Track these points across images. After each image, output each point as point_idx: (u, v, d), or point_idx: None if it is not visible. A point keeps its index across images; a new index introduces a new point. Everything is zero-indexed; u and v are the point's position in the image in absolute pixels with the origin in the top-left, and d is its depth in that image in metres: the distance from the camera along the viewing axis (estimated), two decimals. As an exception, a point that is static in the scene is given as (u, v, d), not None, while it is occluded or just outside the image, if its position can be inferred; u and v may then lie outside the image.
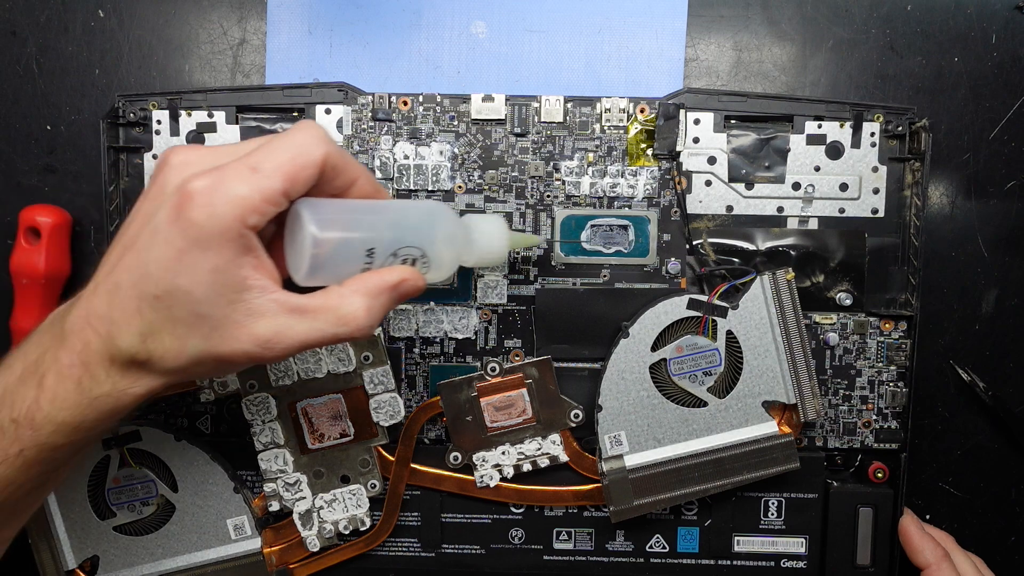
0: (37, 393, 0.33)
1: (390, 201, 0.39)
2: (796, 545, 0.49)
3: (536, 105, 0.47)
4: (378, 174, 0.47)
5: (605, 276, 0.48)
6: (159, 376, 0.33)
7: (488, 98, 0.47)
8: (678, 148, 0.47)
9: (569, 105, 0.47)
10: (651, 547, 0.49)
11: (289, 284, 0.34)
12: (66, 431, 0.33)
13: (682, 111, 0.47)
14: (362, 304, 0.34)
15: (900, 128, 0.47)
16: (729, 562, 0.49)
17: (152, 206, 0.32)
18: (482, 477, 0.48)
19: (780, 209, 0.48)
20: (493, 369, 0.47)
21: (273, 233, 0.35)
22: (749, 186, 0.48)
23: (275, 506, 0.47)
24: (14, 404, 0.33)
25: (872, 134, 0.47)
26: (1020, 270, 0.51)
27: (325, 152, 0.33)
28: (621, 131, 0.47)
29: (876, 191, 0.48)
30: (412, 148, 0.47)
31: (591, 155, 0.47)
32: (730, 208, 0.48)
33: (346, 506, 0.47)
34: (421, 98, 0.47)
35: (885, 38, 0.50)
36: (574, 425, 0.47)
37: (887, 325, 0.48)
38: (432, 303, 0.48)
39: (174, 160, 0.33)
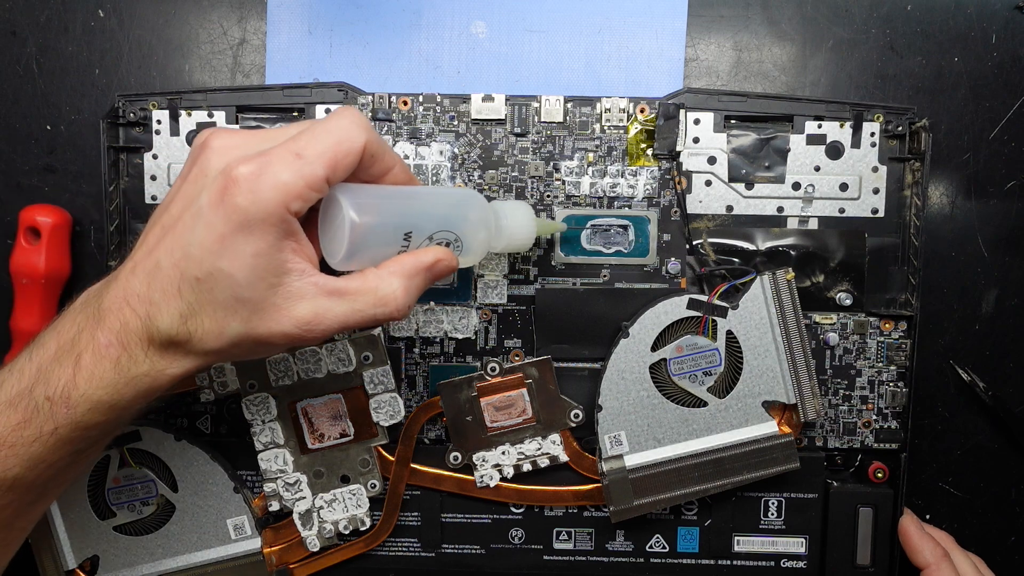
0: (73, 372, 0.33)
1: (424, 187, 0.39)
2: (796, 545, 0.49)
3: (536, 105, 0.47)
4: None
5: (605, 276, 0.48)
6: (197, 357, 0.33)
7: (488, 98, 0.47)
8: (678, 148, 0.47)
9: (569, 105, 0.47)
10: (651, 547, 0.49)
11: (324, 266, 0.35)
12: (102, 410, 0.33)
13: (682, 111, 0.47)
14: (400, 285, 0.35)
15: (900, 128, 0.47)
16: (729, 562, 0.49)
17: (194, 188, 0.33)
18: (482, 477, 0.48)
19: (780, 209, 0.48)
20: (493, 369, 0.47)
21: (304, 216, 0.35)
22: (749, 186, 0.48)
23: (275, 506, 0.47)
24: (48, 382, 0.33)
25: (872, 134, 0.47)
26: (1020, 270, 0.51)
27: (367, 139, 0.34)
28: (621, 131, 0.47)
29: (876, 191, 0.48)
30: (412, 148, 0.47)
31: (591, 155, 0.47)
32: (730, 208, 0.48)
33: (346, 506, 0.47)
34: (421, 98, 0.47)
35: (885, 38, 0.50)
36: (574, 425, 0.47)
37: (887, 325, 0.48)
38: (432, 303, 0.48)
39: (215, 143, 0.33)
